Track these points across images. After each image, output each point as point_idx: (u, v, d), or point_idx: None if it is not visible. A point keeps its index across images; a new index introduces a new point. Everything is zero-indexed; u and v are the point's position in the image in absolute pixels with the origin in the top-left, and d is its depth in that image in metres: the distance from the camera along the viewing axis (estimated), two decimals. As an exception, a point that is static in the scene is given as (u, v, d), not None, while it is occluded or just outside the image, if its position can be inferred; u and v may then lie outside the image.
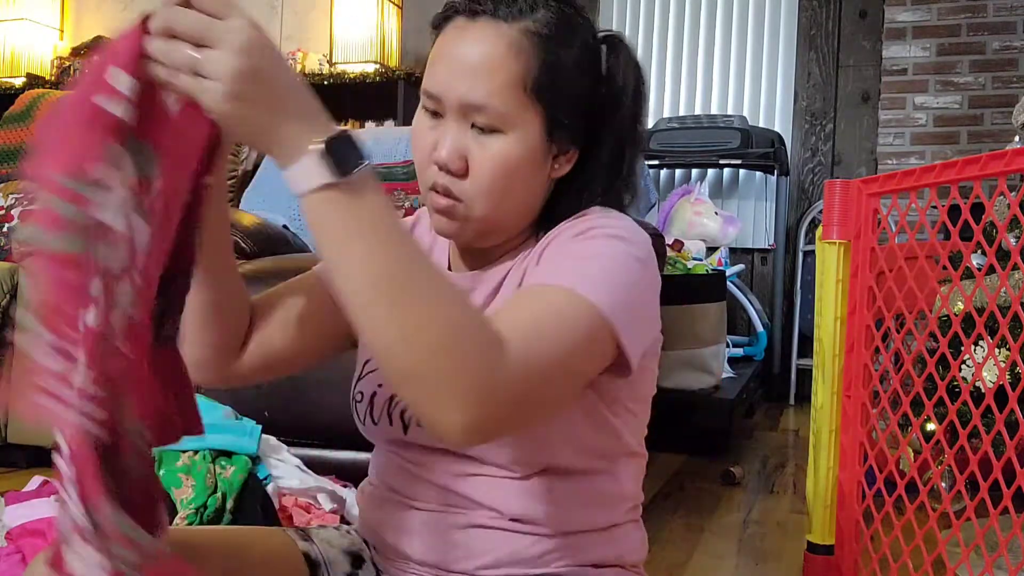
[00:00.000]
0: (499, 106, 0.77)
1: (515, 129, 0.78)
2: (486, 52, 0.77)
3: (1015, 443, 1.09)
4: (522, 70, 0.77)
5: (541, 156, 0.80)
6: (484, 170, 0.78)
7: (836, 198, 1.47)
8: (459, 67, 0.77)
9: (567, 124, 0.81)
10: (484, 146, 0.78)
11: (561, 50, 0.79)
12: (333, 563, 0.88)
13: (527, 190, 0.81)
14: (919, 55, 3.87)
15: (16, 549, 1.44)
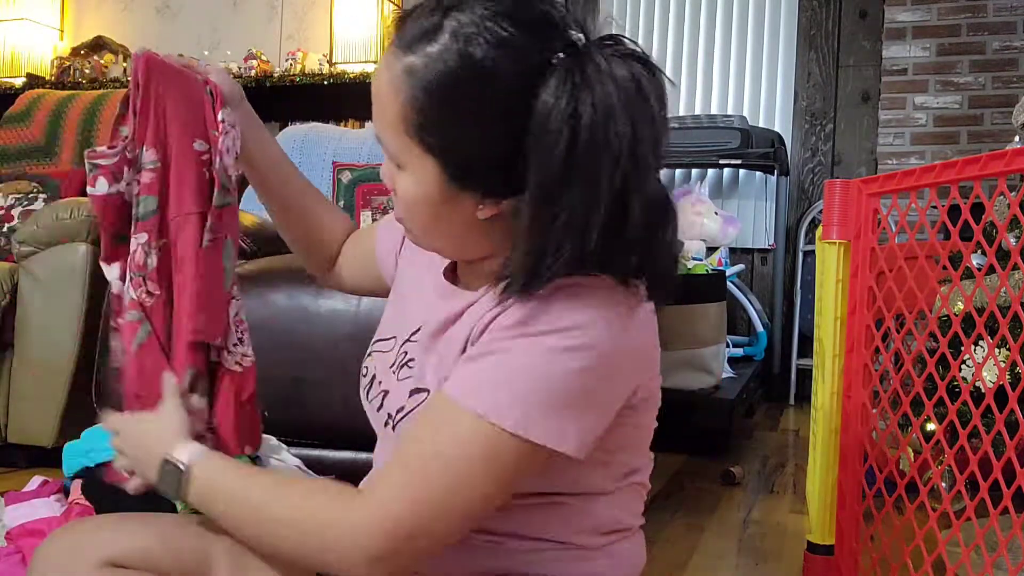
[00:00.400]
0: (388, 143, 0.74)
1: (409, 169, 0.74)
2: (378, 84, 0.73)
3: (1015, 443, 1.09)
4: (400, 110, 0.71)
5: (448, 199, 0.73)
6: (399, 200, 0.78)
7: (836, 198, 1.47)
8: (374, 94, 0.75)
9: (473, 172, 0.71)
10: (396, 178, 0.77)
11: (449, 98, 0.68)
12: None
13: (449, 227, 0.76)
14: (919, 55, 3.86)
15: (16, 549, 1.44)
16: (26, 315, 2.17)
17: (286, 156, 1.04)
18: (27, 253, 2.18)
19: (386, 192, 2.38)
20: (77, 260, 2.15)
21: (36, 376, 2.15)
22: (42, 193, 2.61)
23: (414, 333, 0.86)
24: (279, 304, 1.69)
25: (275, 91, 3.98)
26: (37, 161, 2.87)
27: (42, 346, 2.15)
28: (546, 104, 0.67)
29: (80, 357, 2.12)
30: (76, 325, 2.13)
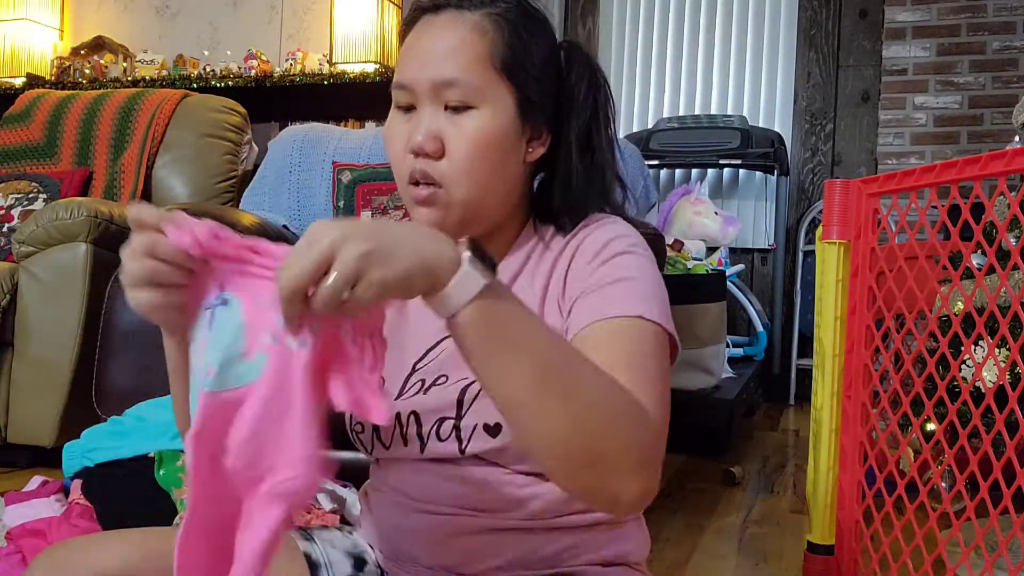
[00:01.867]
0: (471, 80, 0.79)
1: (487, 103, 0.80)
2: (452, 35, 0.80)
3: (1015, 443, 1.09)
4: (488, 47, 0.80)
5: (515, 135, 0.82)
6: (460, 148, 0.79)
7: (836, 198, 1.47)
8: (428, 53, 0.81)
9: (537, 104, 0.83)
10: (459, 124, 0.79)
11: (524, 33, 0.83)
12: (335, 564, 0.88)
13: (504, 169, 0.83)
14: (919, 55, 3.86)
15: (16, 549, 1.44)
16: (26, 315, 2.17)
17: None
18: (27, 253, 2.18)
19: (386, 192, 2.38)
20: (77, 260, 2.15)
21: (36, 374, 2.15)
22: (42, 193, 2.61)
23: (421, 359, 0.86)
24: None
25: (275, 91, 3.98)
26: (37, 161, 2.87)
27: (42, 346, 2.15)
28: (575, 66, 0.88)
29: (80, 357, 2.12)
30: (76, 325, 2.13)
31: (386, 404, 0.60)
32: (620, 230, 0.84)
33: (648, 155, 3.73)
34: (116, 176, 2.78)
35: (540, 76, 0.84)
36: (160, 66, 4.36)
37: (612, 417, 0.64)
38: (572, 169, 0.87)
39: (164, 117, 2.85)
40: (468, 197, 0.80)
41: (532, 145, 0.85)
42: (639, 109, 4.39)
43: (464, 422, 0.81)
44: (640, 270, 0.81)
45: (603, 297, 0.78)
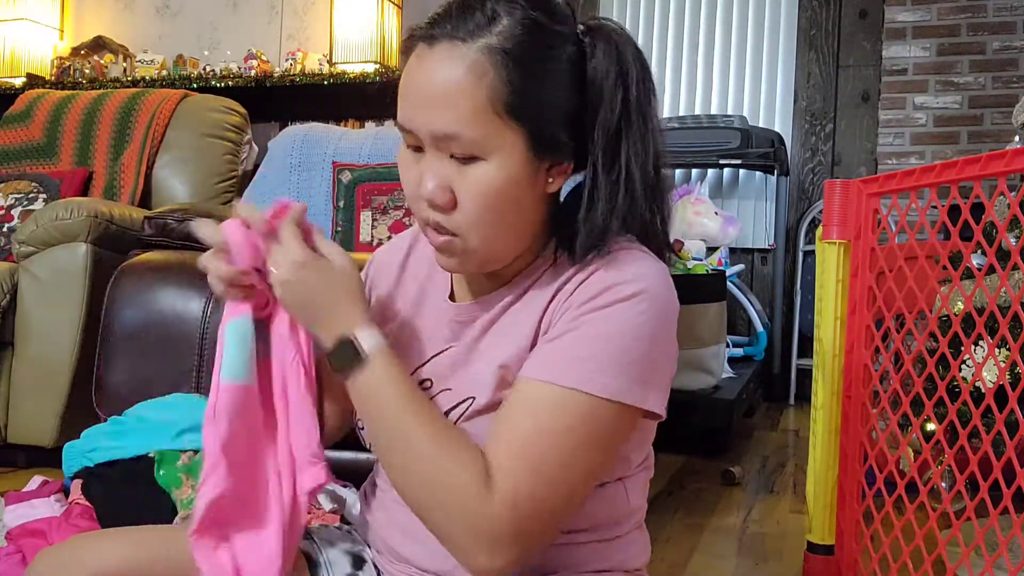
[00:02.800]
0: (471, 134, 0.72)
1: (495, 154, 0.74)
2: (446, 79, 0.72)
3: (1015, 443, 1.09)
4: (488, 92, 0.72)
5: (530, 175, 0.76)
6: (471, 201, 0.74)
7: (836, 198, 1.47)
8: (423, 99, 0.74)
9: (553, 137, 0.76)
10: (466, 176, 0.74)
11: (530, 62, 0.73)
12: (333, 563, 0.88)
13: (521, 212, 0.77)
14: (919, 55, 3.86)
15: (16, 549, 1.44)
16: (26, 315, 2.17)
17: None
18: (27, 253, 2.18)
19: (386, 192, 2.38)
20: (77, 260, 2.15)
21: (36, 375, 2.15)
22: (42, 193, 2.61)
23: (419, 367, 0.86)
24: (279, 304, 1.69)
25: (275, 91, 3.98)
26: (37, 161, 2.87)
27: (42, 346, 2.15)
28: (599, 63, 0.77)
29: (80, 357, 2.12)
30: (76, 325, 2.13)
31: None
32: (632, 272, 0.76)
33: (648, 155, 3.73)
34: (116, 176, 2.78)
35: (555, 103, 0.76)
36: (160, 66, 4.36)
37: (430, 496, 0.74)
38: (596, 187, 0.78)
39: (164, 117, 2.85)
40: (484, 246, 0.77)
41: (553, 174, 0.78)
42: (639, 109, 4.39)
43: None
44: (621, 329, 0.74)
45: (553, 352, 0.75)
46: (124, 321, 1.77)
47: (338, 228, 2.40)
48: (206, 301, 1.71)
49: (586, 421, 0.73)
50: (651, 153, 0.78)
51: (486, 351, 0.82)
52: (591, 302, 0.75)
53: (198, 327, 1.70)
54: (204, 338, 1.69)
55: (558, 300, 0.78)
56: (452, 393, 0.82)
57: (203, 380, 1.69)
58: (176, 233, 1.91)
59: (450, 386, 0.82)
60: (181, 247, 1.90)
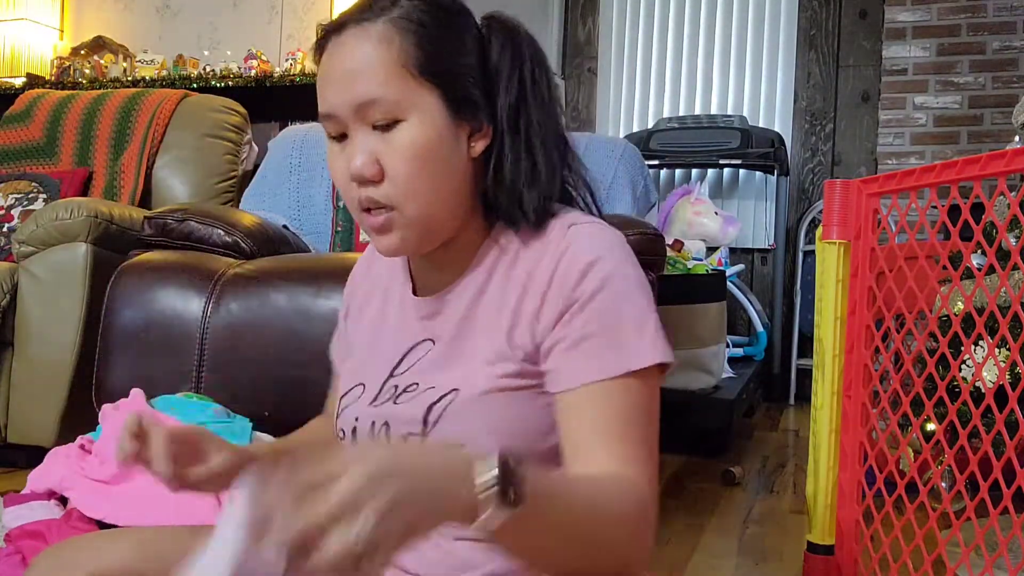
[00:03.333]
0: (389, 93, 0.76)
1: (414, 113, 0.77)
2: (358, 53, 0.78)
3: (1015, 443, 1.09)
4: (397, 54, 0.77)
5: (451, 135, 0.79)
6: (398, 165, 0.77)
7: (836, 198, 1.47)
8: (339, 78, 0.79)
9: (468, 97, 0.80)
10: (390, 142, 0.77)
11: (435, 29, 0.79)
12: None
13: (450, 173, 0.80)
14: (919, 55, 3.86)
15: (16, 550, 1.44)
16: (26, 315, 2.17)
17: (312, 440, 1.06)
18: (27, 253, 2.18)
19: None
20: (77, 260, 2.15)
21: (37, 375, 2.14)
22: (42, 193, 2.61)
23: (398, 366, 0.86)
24: (279, 304, 1.69)
25: (275, 91, 3.98)
26: (37, 161, 2.87)
27: (42, 346, 2.15)
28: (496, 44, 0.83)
29: (80, 357, 2.12)
30: (76, 325, 2.13)
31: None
32: (601, 243, 0.80)
33: (648, 155, 3.74)
34: (116, 176, 2.78)
35: (464, 68, 0.80)
36: (160, 66, 4.36)
37: (630, 553, 0.72)
38: (504, 155, 0.82)
39: (164, 117, 2.85)
40: (421, 212, 0.79)
41: (474, 139, 0.82)
42: (639, 109, 4.39)
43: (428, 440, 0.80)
44: (624, 300, 0.78)
45: (587, 355, 0.77)
46: (124, 321, 1.77)
47: (338, 228, 2.40)
48: (206, 301, 1.71)
49: (644, 392, 0.77)
50: (552, 127, 0.84)
51: (467, 348, 0.82)
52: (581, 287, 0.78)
53: (198, 327, 1.70)
54: (204, 338, 1.69)
55: (535, 286, 0.79)
56: (435, 390, 0.81)
57: (203, 380, 1.69)
58: (176, 233, 1.91)
59: (434, 384, 0.82)
60: (181, 247, 1.90)
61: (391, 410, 0.84)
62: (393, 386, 0.85)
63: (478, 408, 0.79)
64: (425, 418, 0.80)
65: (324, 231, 2.46)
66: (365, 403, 0.86)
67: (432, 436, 0.80)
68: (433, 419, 0.80)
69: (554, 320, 0.78)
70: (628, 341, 0.77)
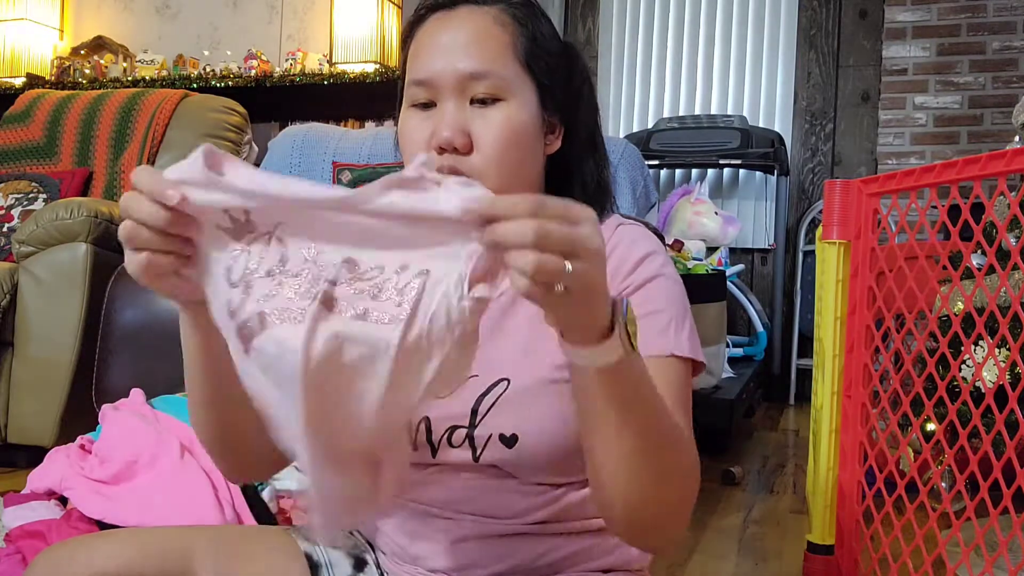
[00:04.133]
0: (499, 71, 0.79)
1: (515, 95, 0.80)
2: (475, 27, 0.80)
3: (1015, 443, 1.09)
4: (511, 38, 0.81)
5: (538, 126, 0.83)
6: (490, 140, 0.78)
7: (836, 198, 1.47)
8: (450, 47, 0.80)
9: (555, 95, 0.84)
10: (487, 117, 0.79)
11: (539, 24, 0.84)
12: (335, 564, 0.88)
13: (531, 162, 0.83)
14: (919, 55, 3.86)
15: (16, 550, 1.44)
16: (26, 315, 2.17)
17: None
18: (27, 253, 2.18)
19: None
20: (77, 260, 2.15)
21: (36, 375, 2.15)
22: (42, 193, 2.61)
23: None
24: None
25: (275, 91, 3.98)
26: (37, 161, 2.87)
27: (42, 346, 2.15)
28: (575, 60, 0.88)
29: (80, 357, 2.12)
30: (76, 325, 2.13)
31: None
32: (650, 245, 0.85)
33: (648, 155, 3.74)
34: (116, 176, 2.78)
35: (555, 68, 0.85)
36: (160, 66, 4.36)
37: (688, 495, 0.73)
38: (586, 167, 0.88)
39: (164, 117, 2.85)
40: (500, 187, 0.74)
41: (549, 139, 0.86)
42: (639, 109, 4.39)
43: (478, 432, 0.80)
44: (670, 297, 0.83)
45: (643, 330, 0.79)
46: (124, 321, 1.77)
47: (338, 228, 2.40)
48: (206, 301, 1.71)
49: (685, 378, 0.82)
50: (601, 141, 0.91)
51: (514, 335, 0.81)
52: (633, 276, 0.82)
53: (198, 327, 1.70)
54: (204, 338, 1.69)
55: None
56: (479, 379, 0.80)
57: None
58: (176, 233, 1.91)
59: (477, 372, 0.79)
60: (181, 247, 1.90)
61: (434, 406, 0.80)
62: None
63: (530, 399, 0.79)
64: (475, 408, 0.80)
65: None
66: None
67: (481, 428, 0.79)
68: (483, 410, 0.79)
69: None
70: (675, 329, 0.81)
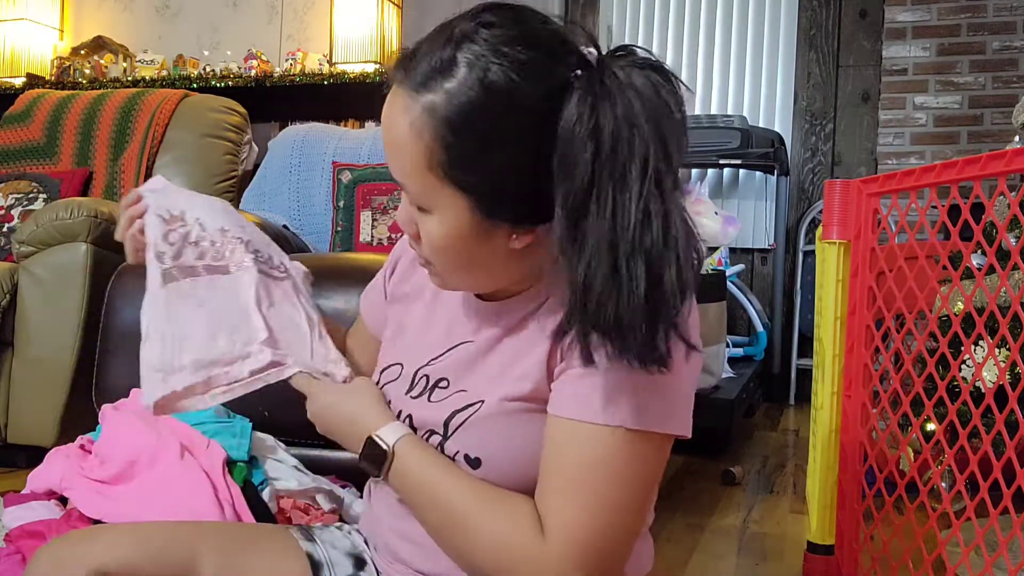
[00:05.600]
0: (413, 186, 0.73)
1: (436, 210, 0.73)
2: (394, 130, 0.72)
3: (1015, 443, 1.09)
4: (424, 150, 0.70)
5: (481, 233, 0.73)
6: (424, 244, 0.76)
7: (836, 198, 1.47)
8: (385, 141, 0.75)
9: (503, 203, 0.71)
10: (420, 222, 0.75)
11: (474, 129, 0.68)
12: (336, 564, 0.89)
13: (482, 263, 0.76)
14: (919, 55, 3.86)
15: (16, 550, 1.44)
16: (26, 315, 2.17)
17: None
18: (27, 253, 2.18)
19: (386, 192, 2.38)
20: (77, 260, 2.15)
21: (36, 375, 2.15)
22: (42, 193, 2.61)
23: (436, 358, 0.85)
24: (279, 304, 1.69)
25: (275, 91, 3.98)
26: (37, 161, 2.87)
27: (42, 346, 2.15)
28: (569, 121, 0.66)
29: (80, 357, 2.12)
30: (76, 325, 2.13)
31: None
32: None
33: (648, 155, 3.73)
34: (116, 176, 2.78)
35: (505, 170, 0.70)
36: (160, 66, 4.36)
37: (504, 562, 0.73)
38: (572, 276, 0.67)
39: (164, 117, 2.85)
40: (455, 281, 0.80)
41: (518, 234, 0.73)
42: (639, 109, 4.39)
43: (448, 445, 0.80)
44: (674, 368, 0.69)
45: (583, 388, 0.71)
46: (124, 321, 1.77)
47: (338, 228, 2.40)
48: (206, 301, 1.71)
49: (630, 455, 0.71)
50: (637, 240, 0.64)
51: (503, 356, 0.81)
52: None
53: (198, 327, 1.69)
54: (204, 338, 1.69)
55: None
56: (466, 395, 0.81)
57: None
58: (176, 233, 1.91)
59: (466, 387, 0.81)
60: (181, 247, 1.90)
61: (419, 406, 0.84)
62: (425, 376, 0.85)
63: (495, 425, 0.78)
64: (447, 422, 0.80)
65: (324, 231, 2.47)
66: (401, 390, 0.86)
67: (451, 442, 0.79)
68: (454, 425, 0.80)
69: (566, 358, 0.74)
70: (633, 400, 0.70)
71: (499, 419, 0.78)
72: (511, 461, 0.77)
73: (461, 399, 0.81)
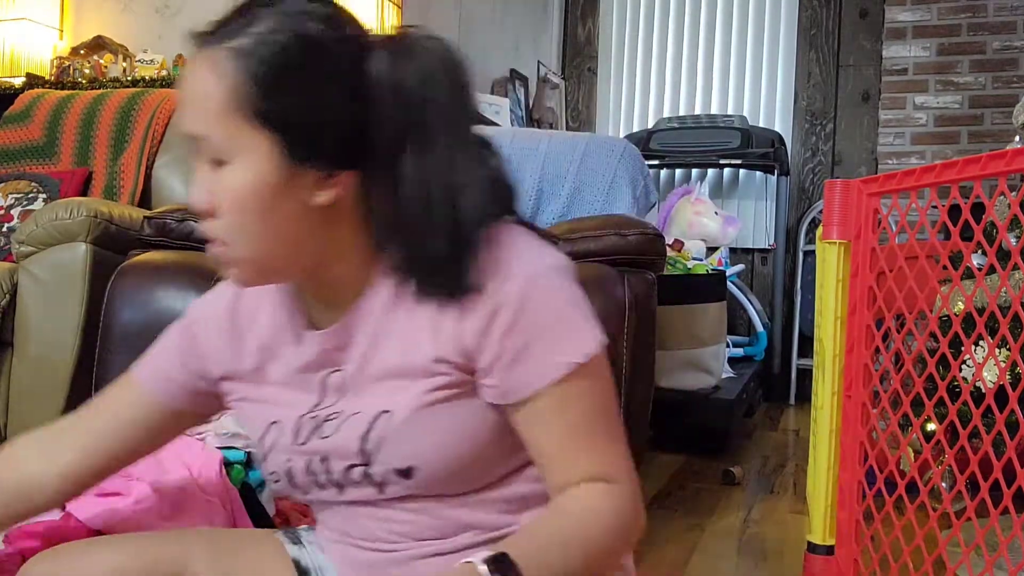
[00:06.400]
0: (215, 133, 0.71)
1: (239, 156, 0.71)
2: (194, 81, 0.72)
3: (1015, 443, 1.09)
4: (227, 93, 0.70)
5: (283, 182, 0.72)
6: (221, 206, 0.73)
7: (836, 198, 1.47)
8: (181, 103, 0.74)
9: (315, 145, 0.72)
10: (219, 181, 0.72)
11: (279, 68, 0.70)
12: (323, 569, 0.88)
13: (283, 221, 0.73)
14: (919, 55, 3.86)
15: (16, 550, 1.44)
16: (26, 315, 2.17)
17: None
18: (27, 253, 2.18)
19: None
20: (77, 260, 2.14)
21: (36, 376, 2.15)
22: (42, 193, 2.61)
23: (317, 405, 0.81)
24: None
25: (275, 91, 3.98)
26: (37, 161, 2.87)
27: (42, 346, 2.15)
28: (375, 71, 0.73)
29: (80, 357, 2.12)
30: (76, 325, 2.13)
31: None
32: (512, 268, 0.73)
33: (648, 155, 3.74)
34: (116, 176, 2.78)
35: (316, 111, 0.71)
36: (160, 66, 4.36)
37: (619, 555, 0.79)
38: (377, 205, 0.75)
39: (164, 117, 2.85)
40: (250, 255, 0.74)
41: (323, 187, 0.73)
42: (639, 109, 4.39)
43: (374, 469, 0.77)
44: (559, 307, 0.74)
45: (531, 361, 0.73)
46: (124, 321, 1.77)
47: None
48: (206, 301, 1.71)
49: (597, 377, 0.76)
50: (441, 180, 0.73)
51: (385, 367, 0.77)
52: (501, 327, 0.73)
53: (198, 327, 1.69)
54: (204, 338, 1.69)
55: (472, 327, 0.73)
56: (361, 416, 0.78)
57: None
58: (176, 233, 1.91)
59: (358, 409, 0.78)
60: (181, 247, 1.90)
61: (321, 445, 0.80)
62: (311, 417, 0.81)
63: (418, 425, 0.75)
64: (362, 448, 0.77)
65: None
66: (289, 443, 0.81)
67: (376, 465, 0.77)
68: (372, 447, 0.77)
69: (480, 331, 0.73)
70: (569, 330, 0.74)
71: (414, 422, 0.75)
72: (443, 458, 0.75)
73: (360, 421, 0.77)
